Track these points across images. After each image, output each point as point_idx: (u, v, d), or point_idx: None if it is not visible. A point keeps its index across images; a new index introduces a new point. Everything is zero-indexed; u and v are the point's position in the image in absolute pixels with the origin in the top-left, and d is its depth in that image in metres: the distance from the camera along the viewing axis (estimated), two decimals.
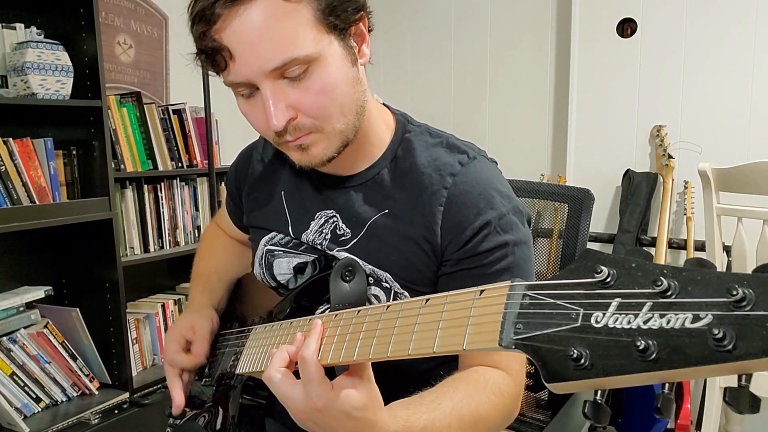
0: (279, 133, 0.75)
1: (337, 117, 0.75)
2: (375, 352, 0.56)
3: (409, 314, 0.55)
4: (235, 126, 2.66)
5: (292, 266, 0.91)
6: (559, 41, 2.62)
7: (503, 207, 0.80)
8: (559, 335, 0.40)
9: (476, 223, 0.78)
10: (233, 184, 1.05)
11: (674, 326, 0.35)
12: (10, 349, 1.75)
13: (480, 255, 0.79)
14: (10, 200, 1.73)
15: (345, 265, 0.74)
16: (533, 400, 1.26)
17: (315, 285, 0.85)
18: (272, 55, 0.69)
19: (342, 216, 0.87)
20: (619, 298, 0.38)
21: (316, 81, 0.72)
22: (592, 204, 1.18)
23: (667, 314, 0.35)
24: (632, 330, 0.36)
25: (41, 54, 1.77)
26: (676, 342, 0.34)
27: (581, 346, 0.38)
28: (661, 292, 0.36)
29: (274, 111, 0.72)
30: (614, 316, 0.38)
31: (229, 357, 0.93)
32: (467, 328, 0.48)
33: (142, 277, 2.31)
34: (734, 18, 2.22)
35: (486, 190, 0.81)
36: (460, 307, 0.50)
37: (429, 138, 0.87)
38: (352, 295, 0.73)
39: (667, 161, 2.31)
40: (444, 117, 2.88)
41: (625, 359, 0.36)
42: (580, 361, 0.37)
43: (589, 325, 0.38)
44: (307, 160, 0.78)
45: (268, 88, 0.71)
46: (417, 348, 0.52)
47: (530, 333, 0.41)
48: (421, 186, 0.82)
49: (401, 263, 0.82)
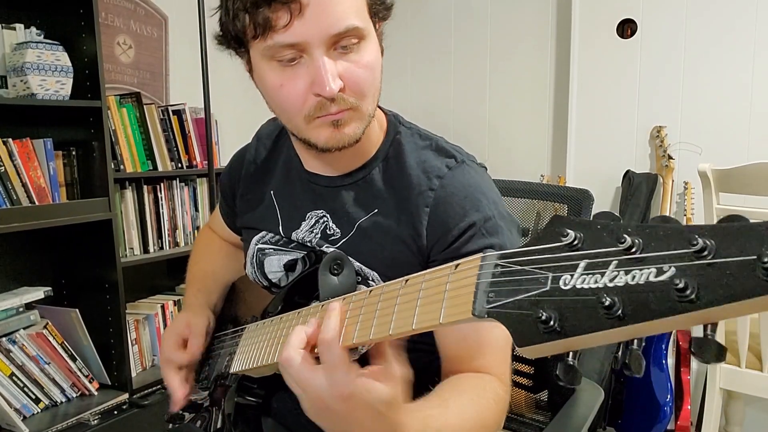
0: (320, 106, 0.75)
1: (371, 99, 0.78)
2: (358, 337, 0.56)
3: (390, 296, 0.55)
4: (235, 126, 2.66)
5: (283, 263, 0.91)
6: (559, 42, 2.62)
7: (489, 210, 0.80)
8: (529, 300, 0.40)
9: (461, 224, 0.79)
10: (227, 187, 1.06)
11: (639, 281, 0.35)
12: (9, 349, 1.75)
13: (464, 257, 0.78)
14: (9, 201, 1.73)
15: (333, 259, 0.73)
16: (533, 401, 1.26)
17: (306, 281, 0.85)
18: (339, 18, 0.71)
19: (333, 216, 0.88)
20: (586, 259, 0.38)
21: (364, 56, 0.75)
22: (591, 204, 1.18)
23: (632, 270, 0.36)
24: (598, 288, 0.37)
25: (41, 54, 1.77)
26: (640, 297, 0.35)
27: (550, 309, 0.38)
28: (626, 249, 0.36)
29: (330, 76, 0.72)
30: (582, 277, 0.38)
31: (224, 358, 0.93)
32: (443, 302, 0.48)
33: (142, 277, 2.31)
34: (734, 19, 2.22)
35: (472, 193, 0.81)
36: (436, 283, 0.51)
37: (419, 140, 0.88)
38: (341, 288, 0.72)
39: (667, 162, 2.31)
40: (444, 118, 2.88)
41: (592, 318, 0.36)
42: (549, 323, 0.38)
43: (558, 288, 0.39)
44: (338, 137, 0.78)
45: (324, 58, 0.72)
46: (397, 327, 0.52)
47: (502, 300, 0.42)
48: (409, 187, 0.83)
49: (388, 262, 0.83)
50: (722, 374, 1.72)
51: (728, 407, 1.95)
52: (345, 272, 0.73)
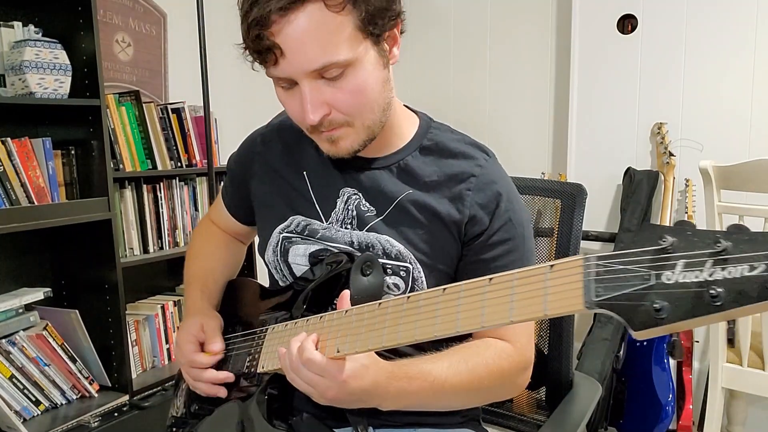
0: (313, 126, 0.82)
1: (367, 114, 0.83)
2: (439, 330, 0.63)
3: (473, 294, 0.63)
4: (235, 125, 2.65)
5: (309, 253, 0.93)
6: (560, 38, 2.61)
7: (517, 203, 0.92)
8: (637, 293, 0.48)
9: (499, 210, 0.89)
10: (238, 172, 1.06)
11: (736, 276, 0.44)
12: (9, 351, 1.74)
13: (498, 239, 0.89)
14: (8, 201, 1.72)
15: (365, 260, 0.81)
16: (531, 399, 1.26)
17: (329, 281, 0.87)
18: (315, 57, 0.77)
19: (365, 195, 0.92)
20: (684, 259, 0.47)
21: (351, 82, 0.80)
22: (584, 199, 1.17)
23: (727, 267, 0.45)
24: (701, 282, 0.45)
25: (39, 53, 1.75)
26: (739, 287, 0.44)
27: (660, 299, 0.47)
28: (720, 251, 0.45)
29: (310, 107, 0.80)
30: (682, 274, 0.47)
31: (243, 358, 0.92)
32: (545, 297, 0.56)
33: (142, 278, 2.30)
34: (735, 14, 2.21)
35: (507, 184, 0.92)
36: (532, 281, 0.58)
37: (451, 134, 0.96)
38: (370, 288, 0.81)
39: (668, 159, 2.31)
40: (444, 115, 2.86)
41: (700, 305, 0.45)
42: (660, 311, 0.46)
43: (662, 283, 0.47)
44: (334, 150, 0.86)
45: (306, 86, 0.79)
46: (490, 321, 0.60)
47: (610, 294, 0.50)
48: (451, 171, 0.90)
49: (427, 238, 0.89)
50: (724, 373, 1.72)
51: (730, 407, 1.96)
52: (374, 273, 0.82)
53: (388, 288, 0.89)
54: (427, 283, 0.89)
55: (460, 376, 0.82)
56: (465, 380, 0.82)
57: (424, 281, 0.89)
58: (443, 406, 0.89)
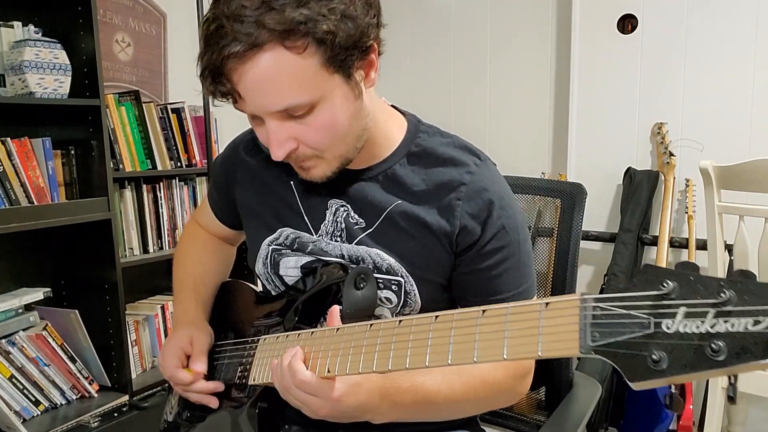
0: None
1: (337, 146, 0.80)
2: (432, 361, 0.61)
3: (465, 324, 0.60)
4: (235, 125, 2.64)
5: (300, 265, 0.91)
6: (560, 38, 2.60)
7: (511, 209, 0.87)
8: (635, 341, 0.46)
9: (491, 218, 0.85)
10: (221, 178, 1.03)
11: (738, 330, 0.42)
12: (8, 351, 1.74)
13: (491, 248, 0.86)
14: (8, 201, 1.72)
15: (359, 273, 0.79)
16: (531, 400, 1.26)
17: (321, 293, 0.85)
18: (276, 100, 0.74)
19: (353, 206, 0.89)
20: (685, 308, 0.45)
21: (318, 118, 0.76)
22: (584, 199, 1.17)
23: (730, 320, 0.43)
24: (702, 334, 0.43)
25: (39, 52, 1.75)
26: (741, 342, 0.42)
27: (658, 350, 0.45)
28: (723, 302, 0.43)
29: (275, 144, 0.77)
30: (683, 323, 0.45)
31: (234, 368, 0.92)
32: (539, 337, 0.53)
33: (142, 278, 2.30)
34: (736, 14, 2.21)
35: (500, 190, 0.88)
36: (526, 318, 0.55)
37: (441, 138, 0.91)
38: (363, 302, 0.78)
39: (669, 159, 2.30)
40: (444, 115, 2.87)
41: (701, 359, 0.43)
42: (659, 362, 0.44)
43: (662, 332, 0.45)
44: (308, 177, 0.84)
45: (272, 124, 0.76)
46: (483, 356, 0.58)
47: (607, 340, 0.48)
48: (439, 179, 0.87)
49: (418, 250, 0.86)
50: None
51: (730, 407, 1.95)
52: (368, 286, 0.80)
53: (381, 301, 0.87)
54: (419, 295, 0.87)
55: (453, 388, 0.80)
56: (458, 392, 0.81)
57: (417, 294, 0.87)
58: (437, 418, 0.88)
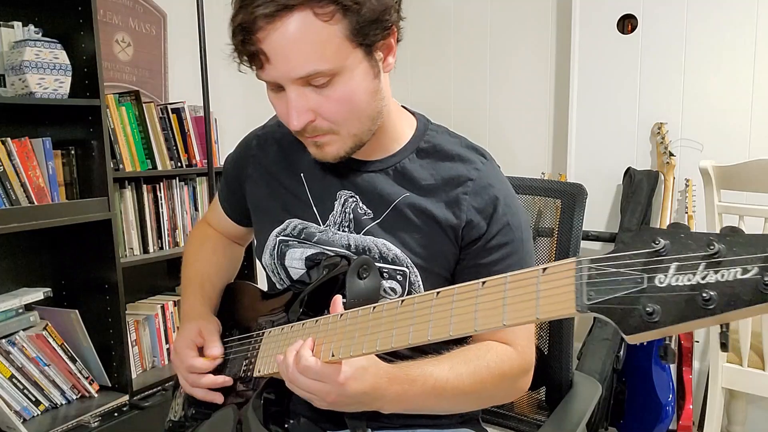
0: (297, 131, 0.82)
1: (353, 123, 0.82)
2: (434, 334, 0.63)
3: (466, 297, 0.62)
4: (235, 125, 2.64)
5: (305, 256, 0.93)
6: (560, 38, 2.61)
7: (515, 206, 0.91)
8: (630, 296, 0.48)
9: (497, 213, 0.88)
10: (233, 174, 1.05)
11: (728, 279, 0.44)
12: (9, 351, 1.74)
13: (496, 243, 0.88)
14: (8, 201, 1.72)
15: (361, 263, 0.80)
16: (531, 400, 1.26)
17: (326, 284, 0.86)
18: (300, 65, 0.76)
19: (361, 197, 0.91)
20: (677, 262, 0.47)
21: (338, 91, 0.78)
22: (585, 199, 1.17)
23: (720, 270, 0.44)
24: (694, 285, 0.45)
25: (39, 53, 1.75)
26: (731, 290, 0.43)
27: (652, 303, 0.46)
28: (713, 254, 0.45)
29: (295, 113, 0.79)
30: (675, 277, 0.46)
31: (239, 362, 0.92)
32: (537, 301, 0.55)
33: (142, 278, 2.30)
34: (735, 14, 2.21)
35: (505, 188, 0.91)
36: (524, 284, 0.57)
37: (449, 137, 0.94)
38: (366, 292, 0.80)
39: (668, 159, 2.30)
40: (444, 114, 2.87)
41: (692, 309, 0.45)
42: (653, 314, 0.46)
43: (655, 286, 0.47)
44: (321, 155, 0.85)
45: (292, 92, 0.78)
46: (484, 324, 0.59)
47: (602, 297, 0.49)
48: (447, 174, 0.89)
49: (424, 242, 0.88)
50: (724, 373, 1.72)
51: (730, 406, 1.96)
52: (371, 276, 0.82)
53: (385, 292, 0.88)
54: (424, 286, 0.88)
55: (461, 378, 0.81)
56: (467, 383, 0.81)
57: (421, 285, 0.88)
58: (445, 409, 0.89)
